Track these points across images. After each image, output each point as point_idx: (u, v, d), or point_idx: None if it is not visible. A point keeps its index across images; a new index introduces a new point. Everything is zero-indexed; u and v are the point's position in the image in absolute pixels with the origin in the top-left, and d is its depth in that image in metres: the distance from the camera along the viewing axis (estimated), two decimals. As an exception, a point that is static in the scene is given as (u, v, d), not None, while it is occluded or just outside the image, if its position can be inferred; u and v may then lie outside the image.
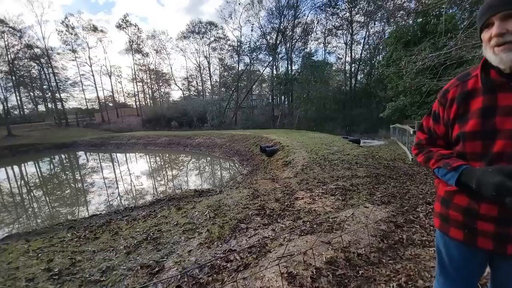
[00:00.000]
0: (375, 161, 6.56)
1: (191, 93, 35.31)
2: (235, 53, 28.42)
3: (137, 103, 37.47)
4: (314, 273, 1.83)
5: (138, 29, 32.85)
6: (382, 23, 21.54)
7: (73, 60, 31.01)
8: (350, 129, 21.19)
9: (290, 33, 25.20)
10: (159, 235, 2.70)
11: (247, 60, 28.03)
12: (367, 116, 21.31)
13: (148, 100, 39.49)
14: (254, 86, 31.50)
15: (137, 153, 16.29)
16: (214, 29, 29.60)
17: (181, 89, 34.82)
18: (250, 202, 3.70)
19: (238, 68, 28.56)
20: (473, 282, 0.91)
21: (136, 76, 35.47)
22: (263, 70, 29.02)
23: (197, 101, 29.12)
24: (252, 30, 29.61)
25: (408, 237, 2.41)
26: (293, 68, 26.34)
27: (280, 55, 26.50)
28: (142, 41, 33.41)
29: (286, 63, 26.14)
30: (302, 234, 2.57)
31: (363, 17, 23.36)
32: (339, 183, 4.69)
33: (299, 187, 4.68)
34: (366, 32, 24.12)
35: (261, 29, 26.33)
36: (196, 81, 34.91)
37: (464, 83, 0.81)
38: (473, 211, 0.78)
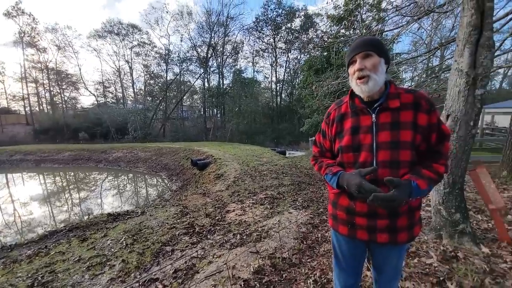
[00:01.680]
0: (298, 170, 7.36)
1: (108, 100, 30.44)
2: (162, 61, 26.67)
3: (27, 108, 29.38)
4: (242, 285, 1.84)
5: (34, 19, 26.42)
6: (299, 51, 25.21)
7: None
8: (278, 141, 23.15)
9: (221, 49, 25.94)
10: (52, 278, 2.12)
11: (176, 70, 26.82)
12: (291, 130, 23.91)
13: (44, 105, 31.49)
14: (185, 97, 30.23)
15: (24, 173, 12.55)
16: (138, 33, 26.95)
17: (93, 94, 29.44)
18: (178, 220, 3.43)
19: (166, 77, 26.84)
20: (358, 268, 1.13)
21: (27, 75, 28.01)
22: (194, 82, 28.39)
23: (116, 110, 25.33)
24: (181, 40, 28.65)
25: (322, 235, 2.77)
26: (224, 82, 26.99)
27: (211, 69, 26.72)
28: (38, 34, 26.90)
29: (218, 77, 26.56)
30: (232, 247, 2.56)
31: (284, 44, 26.65)
32: (268, 192, 4.99)
33: (231, 200, 4.69)
34: (286, 57, 27.53)
35: (191, 41, 26.00)
36: (115, 87, 30.40)
37: (340, 107, 1.03)
38: (352, 209, 0.97)
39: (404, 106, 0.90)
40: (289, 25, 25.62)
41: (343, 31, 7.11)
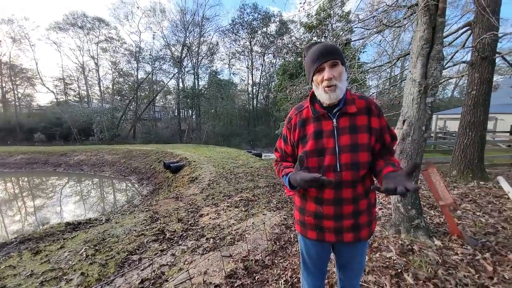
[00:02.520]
0: (273, 172, 7.46)
1: (70, 98, 27.85)
2: (133, 59, 25.20)
3: (-29, 106, 25.68)
4: (214, 291, 1.80)
5: (-11, 11, 23.32)
6: (273, 56, 25.70)
7: None
8: (254, 143, 23.27)
9: (196, 49, 25.39)
10: (-4, 298, 1.87)
11: (148, 68, 25.54)
12: (267, 132, 24.23)
13: (-7, 103, 27.79)
14: (158, 98, 28.93)
15: (-36, 180, 10.94)
16: (105, 27, 25.13)
17: (52, 92, 26.71)
18: (147, 227, 3.25)
19: (137, 75, 25.39)
20: (325, 269, 1.18)
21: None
22: (168, 82, 27.32)
23: (79, 109, 23.31)
24: (154, 38, 27.32)
25: (294, 235, 2.83)
26: (200, 83, 26.39)
27: (186, 69, 25.96)
28: (-8, 26, 23.83)
29: (193, 77, 25.89)
30: (205, 252, 2.50)
31: (260, 48, 27.01)
32: (243, 195, 4.97)
33: (205, 203, 4.59)
34: (262, 61, 27.89)
35: (165, 39, 25.04)
36: (78, 84, 27.89)
37: (301, 113, 1.03)
38: (319, 214, 1.00)
39: (360, 111, 0.97)
40: (264, 29, 26.06)
41: (315, 38, 7.44)
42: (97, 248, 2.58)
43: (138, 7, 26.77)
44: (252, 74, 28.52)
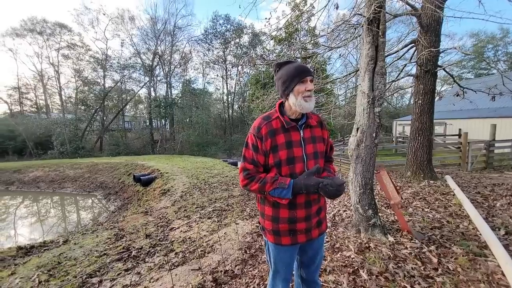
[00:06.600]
0: (248, 180, 7.50)
1: (26, 108, 25.25)
2: (99, 67, 23.80)
3: None
4: (180, 306, 1.76)
5: None
6: (242, 67, 26.11)
7: None
8: (230, 152, 23.14)
9: (169, 57, 24.91)
10: None
11: (117, 77, 24.31)
12: (244, 140, 24.19)
13: None
14: (128, 107, 27.54)
15: None
16: (67, 33, 23.50)
17: (6, 102, 24.09)
18: (111, 246, 3.06)
19: (104, 84, 23.98)
20: (292, 269, 1.24)
21: None
22: (138, 91, 26.22)
23: (36, 120, 21.23)
24: (122, 45, 26.08)
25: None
26: (173, 92, 25.75)
27: (158, 78, 25.22)
28: None
29: (166, 86, 25.21)
30: (173, 267, 2.43)
31: (234, 58, 27.32)
32: (217, 205, 4.92)
33: (176, 216, 4.46)
34: (237, 70, 28.18)
35: (134, 47, 24.18)
36: (36, 93, 25.48)
37: (269, 123, 1.09)
38: (293, 218, 1.08)
39: (316, 124, 1.17)
40: (237, 40, 26.56)
41: (285, 50, 7.83)
42: (51, 273, 2.37)
43: (104, 14, 25.37)
44: (226, 83, 28.69)
